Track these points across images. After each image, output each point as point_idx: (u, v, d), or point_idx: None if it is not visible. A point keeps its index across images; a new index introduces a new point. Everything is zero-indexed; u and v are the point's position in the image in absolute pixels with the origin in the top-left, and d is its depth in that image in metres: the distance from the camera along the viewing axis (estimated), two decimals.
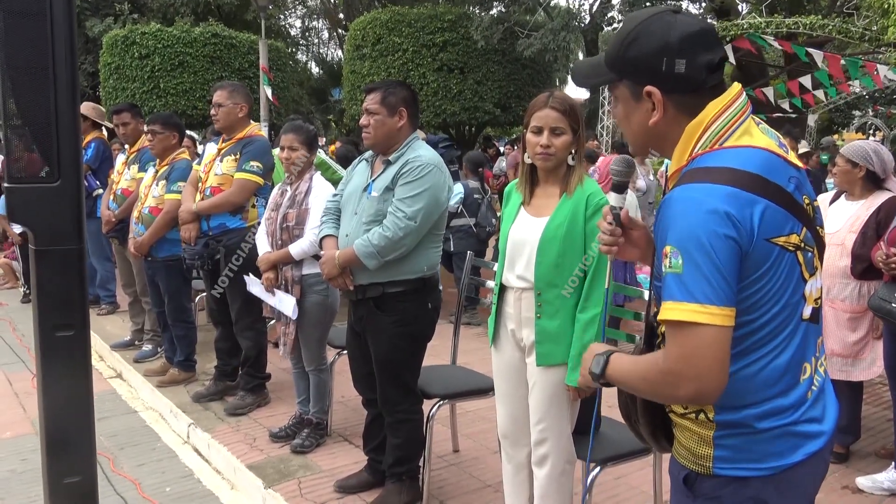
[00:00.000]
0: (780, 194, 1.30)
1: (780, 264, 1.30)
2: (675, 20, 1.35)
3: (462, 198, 6.41)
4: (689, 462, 1.42)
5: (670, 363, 1.28)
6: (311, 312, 3.65)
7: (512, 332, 2.58)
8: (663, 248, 1.28)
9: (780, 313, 1.32)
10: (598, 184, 2.55)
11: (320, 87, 26.73)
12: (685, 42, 1.33)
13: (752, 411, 1.34)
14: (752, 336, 1.32)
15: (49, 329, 1.50)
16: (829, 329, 3.54)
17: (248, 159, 4.11)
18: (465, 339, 5.06)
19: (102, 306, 6.75)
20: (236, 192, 4.10)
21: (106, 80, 14.82)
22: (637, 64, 1.37)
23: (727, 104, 1.36)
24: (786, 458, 1.35)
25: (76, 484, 1.50)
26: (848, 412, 3.69)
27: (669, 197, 1.31)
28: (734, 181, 1.27)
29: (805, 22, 10.11)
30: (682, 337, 1.26)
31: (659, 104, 1.36)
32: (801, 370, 1.37)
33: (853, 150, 3.60)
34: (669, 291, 1.27)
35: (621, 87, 1.42)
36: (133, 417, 4.56)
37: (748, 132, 1.37)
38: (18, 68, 1.40)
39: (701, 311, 1.23)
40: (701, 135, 1.35)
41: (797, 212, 1.33)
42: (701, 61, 1.33)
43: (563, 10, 14.73)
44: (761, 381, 1.33)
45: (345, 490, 3.29)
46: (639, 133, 1.44)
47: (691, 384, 1.26)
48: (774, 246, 1.28)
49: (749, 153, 1.32)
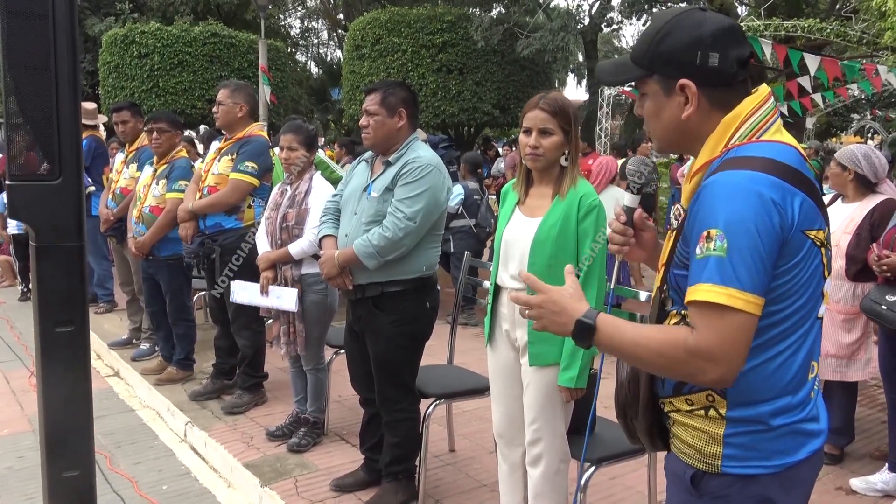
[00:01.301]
0: (813, 190, 1.33)
1: (810, 257, 1.32)
2: (706, 16, 1.38)
3: (462, 199, 6.43)
4: (695, 461, 1.42)
5: (703, 344, 1.26)
6: (310, 311, 3.66)
7: (506, 333, 2.59)
8: (703, 231, 1.28)
9: (803, 307, 1.33)
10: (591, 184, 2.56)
11: (320, 87, 26.75)
12: (718, 36, 1.35)
13: (767, 407, 1.35)
14: (776, 328, 1.33)
15: (49, 325, 1.51)
16: (825, 330, 3.55)
17: (243, 160, 4.12)
18: (463, 339, 5.08)
19: (100, 305, 6.75)
20: (230, 193, 4.11)
21: (105, 79, 14.83)
22: (670, 57, 1.38)
23: (761, 102, 1.38)
24: (792, 456, 1.36)
25: (75, 478, 1.51)
26: (842, 414, 3.71)
27: (712, 181, 1.30)
28: (777, 171, 1.28)
29: (803, 25, 10.15)
30: (717, 319, 1.25)
31: (693, 97, 1.37)
32: (810, 368, 1.39)
33: (844, 153, 3.67)
34: (709, 273, 1.26)
35: (651, 83, 1.43)
36: (130, 416, 4.57)
37: (780, 130, 1.40)
38: (21, 67, 1.42)
39: (740, 296, 1.24)
40: (738, 127, 1.37)
41: (823, 210, 1.36)
42: (733, 55, 1.35)
43: (563, 11, 14.76)
44: (779, 377, 1.34)
45: (341, 489, 3.31)
46: (669, 128, 1.43)
47: (720, 367, 1.26)
48: (807, 238, 1.30)
49: (785, 148, 1.35)
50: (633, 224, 1.60)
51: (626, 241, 1.60)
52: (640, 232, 1.62)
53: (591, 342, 1.38)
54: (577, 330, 1.39)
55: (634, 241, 1.61)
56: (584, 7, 16.08)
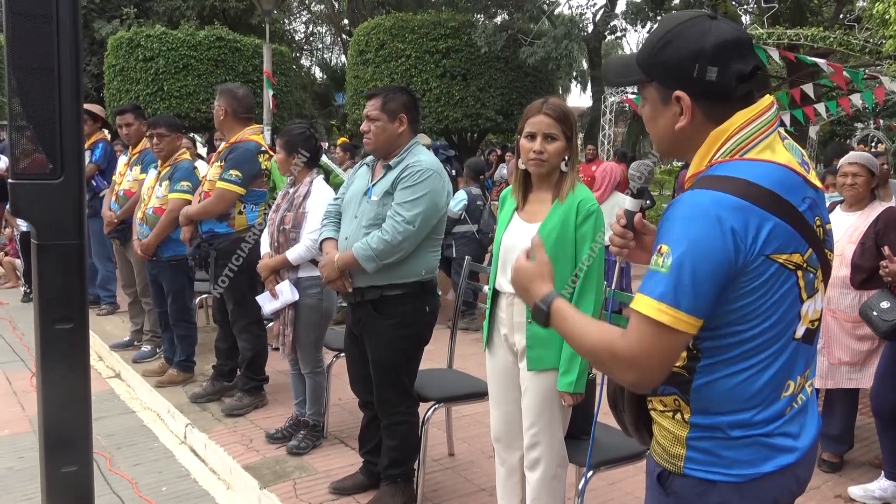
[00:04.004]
0: (790, 212, 1.30)
1: (777, 281, 1.31)
2: (711, 26, 1.33)
3: (465, 204, 6.45)
4: (663, 460, 1.45)
5: (625, 349, 1.31)
6: (305, 315, 3.68)
7: (505, 337, 2.60)
8: (658, 245, 1.30)
9: (770, 329, 1.33)
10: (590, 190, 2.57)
11: (324, 92, 26.83)
12: (719, 49, 1.31)
13: (726, 419, 1.36)
14: (740, 346, 1.33)
15: (49, 322, 1.53)
16: (835, 338, 3.57)
17: (228, 168, 4.15)
18: (464, 344, 5.08)
19: (102, 306, 6.77)
20: (215, 203, 4.16)
21: (110, 82, 14.87)
22: (669, 67, 1.36)
23: (755, 116, 1.35)
24: (754, 468, 1.36)
25: (73, 474, 1.53)
26: (842, 422, 3.71)
27: (679, 198, 1.32)
28: (746, 194, 1.27)
29: (806, 34, 10.15)
30: (645, 331, 1.29)
31: (687, 109, 1.36)
32: (784, 386, 1.38)
33: (867, 159, 3.60)
34: (650, 286, 1.30)
35: (650, 89, 1.42)
36: (131, 417, 4.58)
37: (771, 147, 1.36)
38: (24, 69, 1.44)
39: (671, 313, 1.26)
40: (723, 143, 1.35)
41: (806, 232, 1.33)
42: (733, 70, 1.31)
43: (566, 18, 14.79)
44: (740, 394, 1.35)
45: (340, 492, 3.31)
46: (664, 136, 1.43)
47: (634, 374, 1.32)
48: (774, 263, 1.29)
49: (767, 168, 1.32)
50: (633, 227, 1.60)
51: (626, 244, 1.61)
52: (641, 235, 1.63)
53: (545, 324, 1.49)
54: (534, 310, 1.51)
55: (634, 244, 1.62)
56: (588, 15, 16.11)
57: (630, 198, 1.65)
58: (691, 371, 1.38)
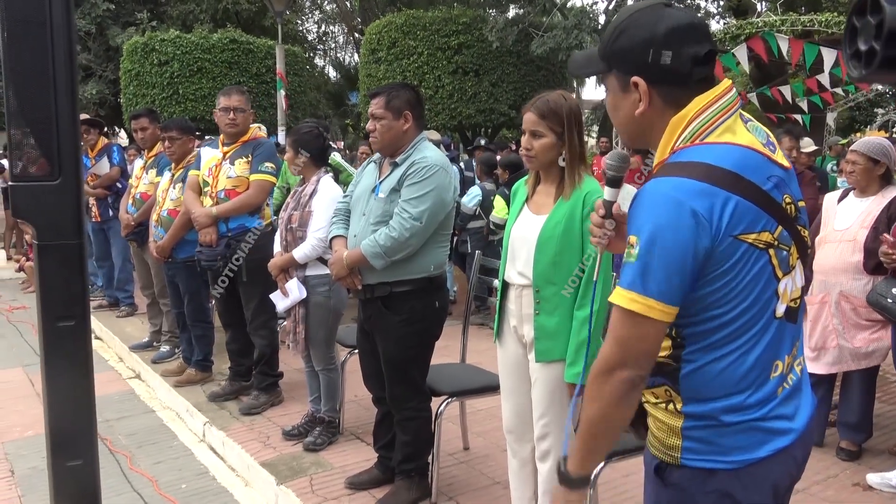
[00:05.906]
0: (754, 192, 1.31)
1: (749, 261, 1.31)
2: (664, 13, 1.36)
3: (480, 200, 6.46)
4: (659, 452, 1.45)
5: (609, 349, 1.33)
6: (314, 313, 3.71)
7: (514, 329, 2.62)
8: (629, 237, 1.32)
9: (748, 309, 1.33)
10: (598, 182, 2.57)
11: (337, 92, 26.91)
12: (672, 34, 1.34)
13: (718, 404, 1.36)
14: (721, 330, 1.34)
15: (51, 319, 1.57)
16: (848, 323, 3.53)
17: (261, 161, 4.24)
18: (478, 339, 5.09)
19: (122, 308, 6.87)
20: (254, 194, 4.22)
21: (126, 87, 15.04)
22: (624, 54, 1.39)
23: (713, 100, 1.36)
24: (751, 453, 1.36)
25: (79, 467, 1.57)
26: (860, 409, 3.67)
27: (643, 188, 1.34)
28: (706, 177, 1.28)
29: (820, 19, 10.02)
30: (621, 321, 1.31)
31: (644, 95, 1.38)
32: (773, 367, 1.38)
33: (873, 147, 3.55)
34: (623, 278, 1.32)
35: (611, 78, 1.44)
36: (151, 417, 4.64)
37: (731, 129, 1.37)
38: (21, 72, 1.48)
39: (641, 301, 1.28)
40: (683, 129, 1.36)
41: (772, 210, 1.33)
42: (687, 53, 1.34)
43: (577, 9, 14.71)
44: (728, 377, 1.35)
45: (355, 486, 3.34)
46: (626, 124, 1.45)
47: (626, 370, 1.31)
48: (742, 243, 1.30)
49: (726, 150, 1.33)
50: (611, 216, 1.61)
51: (605, 234, 1.62)
52: (621, 225, 1.62)
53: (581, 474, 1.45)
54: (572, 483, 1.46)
55: (614, 233, 1.62)
56: (600, 6, 16.03)
57: (608, 188, 1.65)
58: (677, 360, 1.38)
